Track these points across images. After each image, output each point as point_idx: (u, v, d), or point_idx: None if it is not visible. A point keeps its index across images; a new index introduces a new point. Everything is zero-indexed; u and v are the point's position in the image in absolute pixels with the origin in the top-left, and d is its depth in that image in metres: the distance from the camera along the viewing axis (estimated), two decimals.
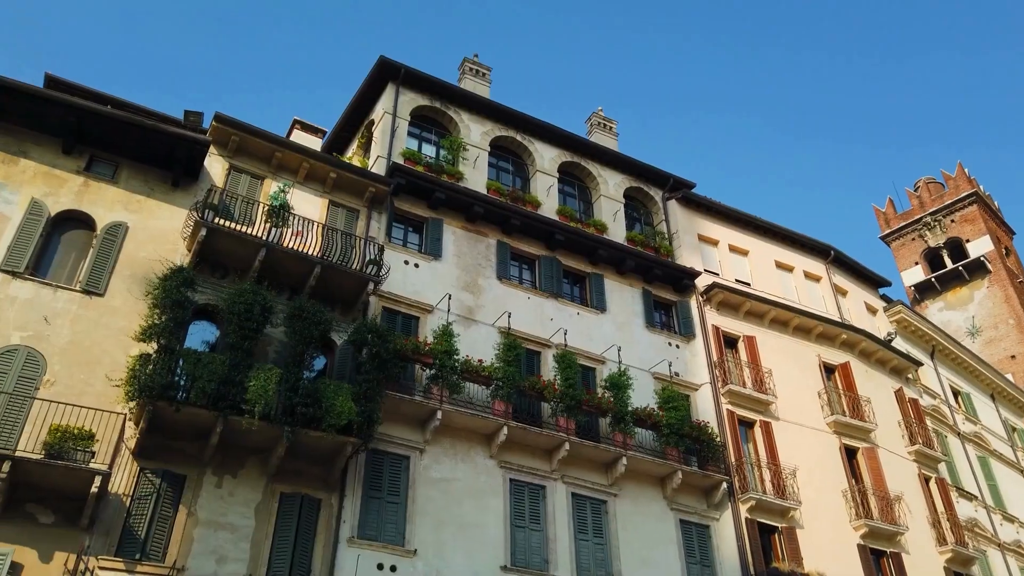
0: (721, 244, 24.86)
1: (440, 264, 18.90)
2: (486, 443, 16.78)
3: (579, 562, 16.42)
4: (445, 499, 15.72)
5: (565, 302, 20.34)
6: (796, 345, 23.59)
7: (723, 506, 18.93)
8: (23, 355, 13.35)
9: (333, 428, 14.02)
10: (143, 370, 13.02)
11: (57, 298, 14.20)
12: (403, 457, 15.79)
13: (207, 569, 12.98)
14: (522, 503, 16.59)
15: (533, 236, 20.88)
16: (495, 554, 15.60)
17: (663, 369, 20.44)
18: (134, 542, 12.75)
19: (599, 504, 17.51)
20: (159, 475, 13.42)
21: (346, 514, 14.54)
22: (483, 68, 24.79)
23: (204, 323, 15.40)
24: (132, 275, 14.97)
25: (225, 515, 13.58)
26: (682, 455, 18.59)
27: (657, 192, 24.87)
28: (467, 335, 17.81)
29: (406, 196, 19.38)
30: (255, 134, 17.62)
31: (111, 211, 15.57)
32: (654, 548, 17.46)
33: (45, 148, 15.64)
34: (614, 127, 26.83)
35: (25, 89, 15.25)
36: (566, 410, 17.38)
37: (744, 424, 21.02)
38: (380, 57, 21.24)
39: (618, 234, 22.71)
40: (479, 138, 22.15)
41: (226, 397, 13.38)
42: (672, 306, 22.46)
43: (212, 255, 15.66)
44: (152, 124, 16.14)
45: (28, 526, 12.09)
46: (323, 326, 14.91)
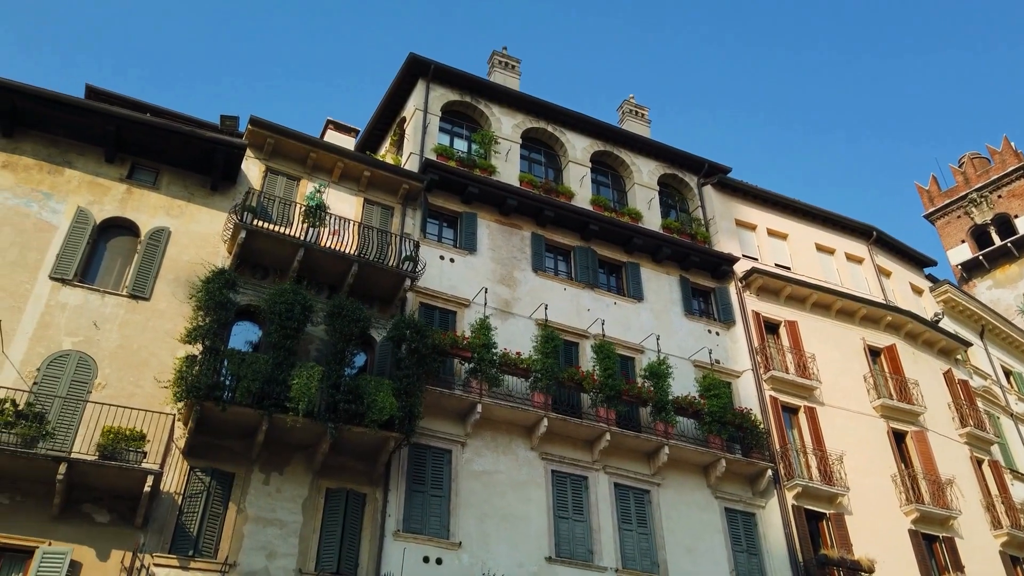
0: (759, 228, 24.50)
1: (475, 258, 18.97)
2: (527, 435, 16.82)
3: (624, 552, 16.39)
4: (488, 492, 15.81)
5: (601, 292, 20.25)
6: (839, 329, 23.18)
7: (769, 493, 18.72)
8: (75, 360, 13.75)
9: (375, 424, 14.18)
10: (189, 371, 13.32)
11: (105, 303, 14.58)
12: (445, 451, 15.91)
13: (258, 564, 13.26)
14: (564, 494, 16.61)
15: (567, 227, 20.82)
16: (539, 545, 15.65)
17: (703, 357, 20.26)
18: (187, 539, 13.07)
19: (642, 494, 17.45)
20: (208, 473, 13.73)
21: (391, 508, 14.72)
22: (512, 60, 24.75)
23: (247, 324, 15.69)
24: (176, 279, 15.31)
25: (273, 511, 13.84)
26: (725, 443, 18.41)
27: (692, 178, 24.61)
28: (504, 328, 17.86)
29: (439, 192, 19.47)
30: (290, 136, 17.86)
31: (154, 217, 15.93)
32: (699, 537, 17.35)
33: (88, 157, 16.06)
34: (646, 114, 26.59)
35: (67, 100, 15.66)
36: (606, 400, 17.34)
37: (788, 410, 20.73)
38: (410, 54, 21.36)
39: (653, 222, 22.53)
40: (510, 131, 22.14)
41: (270, 396, 13.62)
42: (711, 293, 22.22)
43: (252, 256, 15.93)
44: (190, 130, 16.46)
45: (85, 525, 12.47)
46: (362, 323, 15.07)
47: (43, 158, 15.65)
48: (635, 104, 26.67)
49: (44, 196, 15.24)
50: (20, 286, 14.08)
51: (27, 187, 15.19)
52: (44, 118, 15.69)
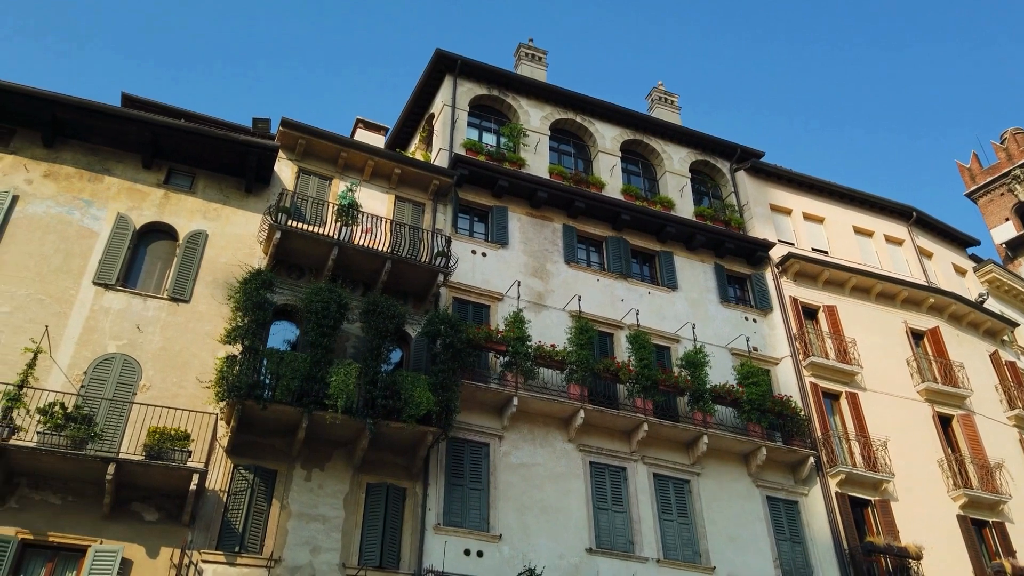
0: (795, 213, 24.12)
1: (507, 251, 18.98)
2: (564, 427, 16.82)
3: (665, 542, 16.32)
4: (526, 484, 15.85)
5: (635, 282, 20.13)
6: (880, 312, 22.75)
7: (811, 481, 18.47)
8: (120, 362, 14.08)
9: (413, 418, 14.30)
10: (230, 371, 13.56)
11: (147, 307, 14.91)
12: (483, 444, 15.99)
13: (302, 559, 13.48)
14: (603, 485, 16.58)
15: (599, 218, 20.73)
16: (579, 537, 15.65)
17: (740, 344, 20.04)
18: (233, 535, 13.33)
19: (682, 484, 17.34)
20: (252, 471, 13.97)
21: (431, 502, 14.84)
22: (539, 52, 24.67)
23: (284, 323, 15.92)
24: (214, 280, 15.58)
25: (316, 507, 14.04)
26: (765, 431, 18.20)
27: (724, 164, 24.32)
28: (538, 321, 17.86)
29: (470, 186, 19.52)
30: (321, 136, 18.04)
31: (191, 220, 16.23)
32: (741, 526, 17.19)
33: (127, 164, 16.41)
34: (676, 101, 26.32)
35: (105, 109, 16.01)
36: (642, 391, 17.25)
37: (829, 396, 20.42)
38: (436, 50, 21.41)
39: (686, 210, 22.32)
40: (539, 123, 22.09)
41: (309, 393, 13.81)
42: (746, 280, 21.96)
43: (287, 256, 16.14)
44: (223, 134, 16.72)
45: (135, 524, 12.78)
46: (397, 320, 15.20)
47: (83, 166, 16.03)
48: (664, 91, 26.41)
49: (85, 203, 15.62)
50: (65, 292, 14.45)
51: (69, 195, 15.58)
52: (83, 127, 16.07)
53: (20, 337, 13.56)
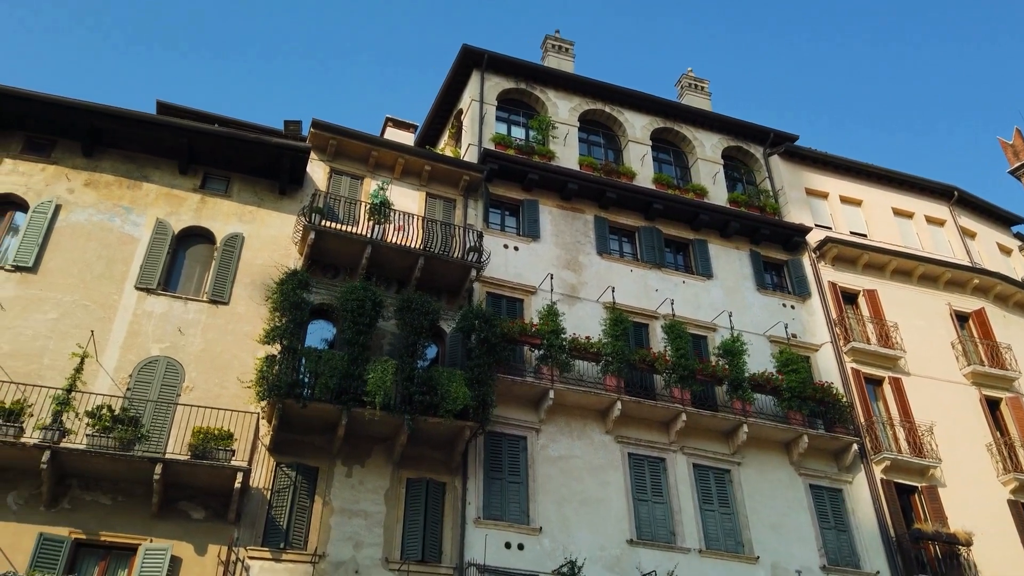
0: (831, 196, 23.70)
1: (539, 245, 18.96)
2: (601, 419, 16.78)
3: (706, 532, 16.20)
4: (565, 477, 15.84)
5: (669, 271, 19.98)
6: (923, 295, 22.26)
7: (855, 468, 18.17)
8: (163, 365, 14.39)
9: (450, 413, 14.39)
10: (270, 371, 13.78)
11: (188, 309, 15.21)
12: (520, 438, 16.02)
13: (345, 554, 13.66)
14: (643, 476, 16.51)
15: (630, 208, 20.59)
16: (620, 528, 15.61)
17: (779, 332, 19.77)
18: (277, 532, 13.56)
19: (723, 473, 17.19)
20: (294, 468, 14.19)
21: (470, 496, 14.92)
22: (565, 43, 24.56)
23: (321, 322, 16.11)
24: (252, 282, 15.83)
25: (357, 503, 14.22)
26: (806, 418, 17.95)
27: (757, 149, 23.98)
28: (572, 313, 17.82)
29: (500, 181, 19.52)
30: (351, 136, 18.20)
31: (227, 224, 16.50)
32: (785, 515, 16.99)
33: (164, 171, 16.73)
34: (706, 87, 26.01)
35: (142, 117, 16.37)
36: (679, 380, 17.12)
37: (871, 382, 20.06)
38: (463, 46, 21.43)
39: (719, 197, 22.07)
40: (567, 114, 22.00)
41: (348, 391, 13.97)
42: (783, 266, 21.65)
43: (322, 256, 16.33)
44: (256, 137, 16.95)
45: (182, 522, 13.07)
46: (431, 316, 15.29)
47: (122, 174, 16.39)
48: (694, 77, 26.10)
49: (125, 210, 15.97)
50: (109, 298, 14.81)
51: (109, 203, 15.94)
52: (120, 136, 16.43)
53: (67, 342, 13.94)
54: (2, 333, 13.81)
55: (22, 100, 15.76)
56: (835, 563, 16.74)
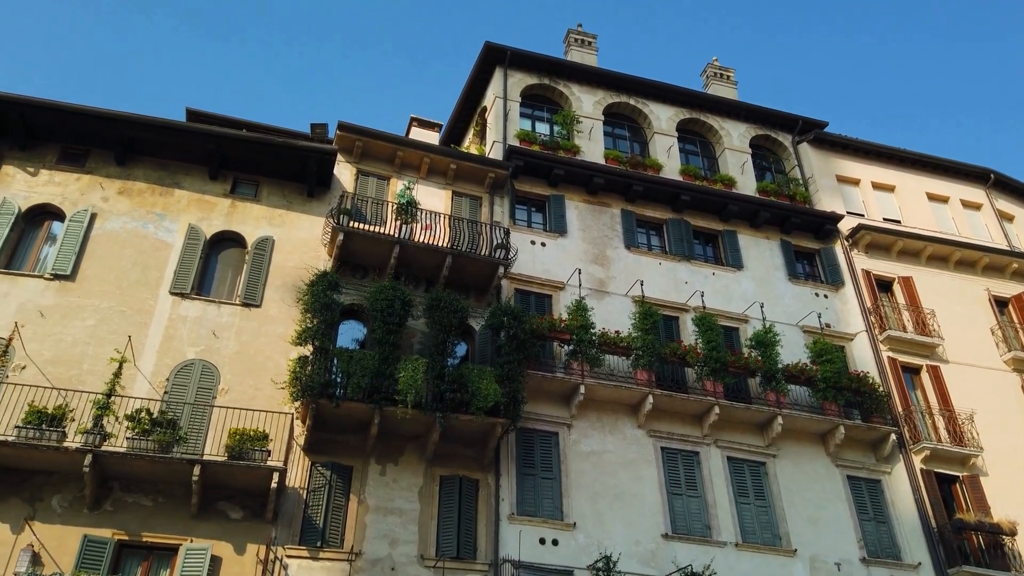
0: (863, 183, 23.31)
1: (566, 240, 18.92)
2: (632, 413, 16.71)
3: (743, 526, 16.06)
4: (598, 472, 15.81)
5: (698, 263, 19.81)
6: (960, 281, 21.80)
7: (894, 459, 17.88)
8: (199, 368, 14.64)
9: (481, 411, 14.44)
10: (303, 372, 13.94)
11: (221, 313, 15.44)
12: (551, 433, 16.02)
13: (382, 552, 13.78)
14: (676, 470, 16.41)
15: (658, 200, 20.45)
16: (654, 523, 15.54)
17: (812, 321, 19.51)
18: (314, 531, 13.73)
19: (758, 466, 17.02)
20: (328, 467, 14.34)
21: (504, 492, 14.96)
22: (588, 37, 24.46)
23: (352, 322, 16.26)
24: (283, 284, 16.03)
25: (392, 500, 14.33)
26: (842, 409, 17.70)
27: (786, 137, 23.68)
28: (601, 308, 17.76)
29: (525, 177, 19.51)
30: (377, 137, 18.32)
31: (257, 227, 16.72)
32: (822, 507, 16.78)
33: (194, 177, 17.00)
34: (732, 76, 25.73)
35: (172, 125, 16.68)
36: (711, 373, 16.98)
37: (909, 371, 19.70)
38: (485, 43, 21.46)
39: (748, 186, 21.83)
40: (591, 108, 21.92)
41: (379, 390, 14.08)
42: (815, 255, 21.35)
43: (351, 257, 16.47)
44: (283, 141, 17.15)
45: (222, 522, 13.30)
46: (460, 313, 15.34)
47: (154, 181, 16.69)
48: (719, 67, 25.83)
49: (158, 217, 16.26)
50: (144, 303, 15.10)
51: (142, 210, 16.25)
52: (152, 144, 16.73)
53: (106, 348, 14.24)
54: (43, 340, 14.16)
55: (56, 112, 16.12)
56: (875, 555, 16.49)
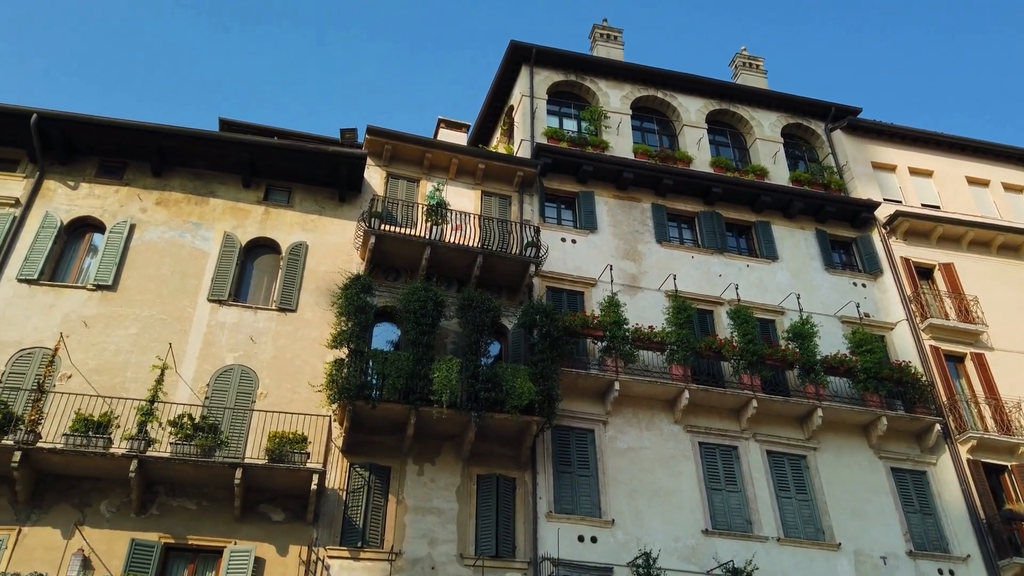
0: (900, 168, 22.84)
1: (597, 236, 18.85)
2: (668, 409, 16.59)
3: (784, 520, 15.85)
4: (635, 468, 15.73)
5: (732, 256, 19.59)
6: (1004, 266, 21.25)
7: (939, 449, 17.50)
8: (238, 373, 14.90)
9: (516, 409, 14.46)
10: (339, 374, 14.10)
11: (258, 318, 15.69)
12: (587, 431, 15.98)
13: (421, 552, 13.88)
14: (715, 465, 16.26)
15: (688, 193, 20.28)
16: (694, 518, 15.42)
17: (850, 311, 19.17)
18: (354, 531, 13.88)
19: (798, 459, 16.79)
20: (367, 468, 14.49)
21: (541, 490, 14.97)
22: (614, 31, 24.34)
23: (386, 324, 16.40)
24: (317, 288, 16.23)
25: (430, 500, 14.43)
26: (884, 400, 17.37)
27: (819, 125, 23.31)
28: (633, 303, 17.67)
29: (554, 174, 19.49)
30: (406, 140, 18.46)
31: (291, 233, 16.96)
32: (866, 500, 16.49)
33: (228, 185, 17.30)
34: (761, 64, 25.41)
35: (206, 135, 17.01)
36: (748, 366, 16.79)
37: (952, 359, 19.26)
38: (511, 42, 21.47)
39: (780, 176, 21.54)
40: (619, 103, 21.81)
41: (415, 390, 14.19)
42: (852, 243, 20.99)
43: (383, 260, 16.62)
44: (314, 147, 17.37)
45: (264, 524, 13.52)
46: (492, 313, 15.38)
47: (189, 191, 17.02)
48: (748, 56, 25.52)
49: (194, 226, 16.58)
50: (184, 311, 15.41)
51: (179, 219, 16.58)
52: (187, 154, 17.06)
53: (147, 355, 14.57)
54: (88, 349, 14.53)
55: (95, 127, 16.54)
56: (922, 548, 16.16)
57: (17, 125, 16.07)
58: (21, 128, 16.05)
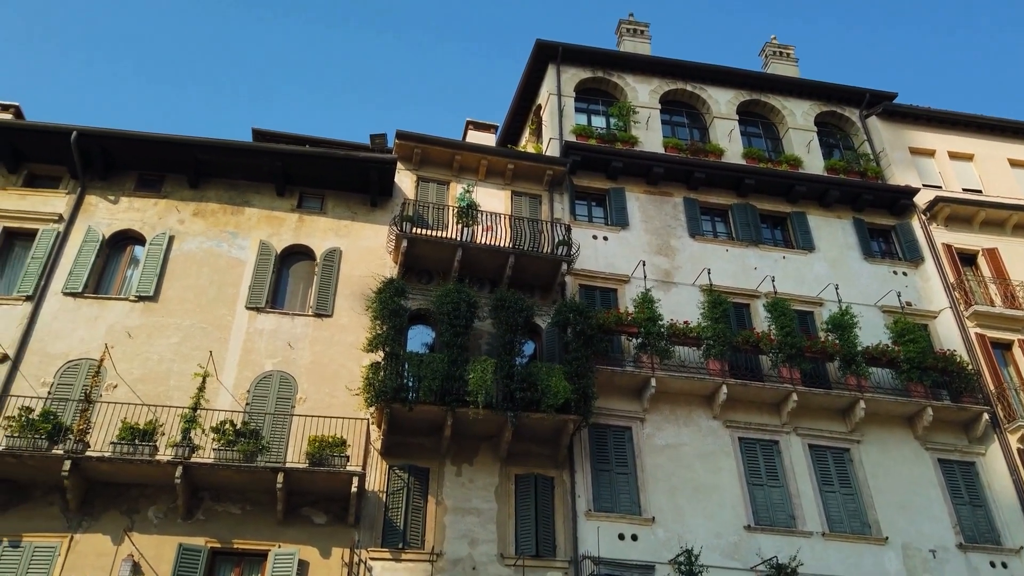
0: (939, 153, 22.31)
1: (628, 233, 18.75)
2: (706, 404, 16.43)
3: (828, 515, 15.59)
4: (674, 465, 15.61)
5: (767, 248, 19.34)
6: None
7: (988, 439, 17.06)
8: (277, 379, 15.14)
9: (552, 408, 14.45)
10: (375, 377, 14.25)
11: (295, 324, 15.92)
12: (624, 428, 15.90)
13: (462, 552, 13.95)
14: (756, 460, 16.06)
15: (721, 186, 20.06)
16: (735, 514, 15.25)
17: (891, 301, 18.79)
18: (395, 533, 14.00)
19: (841, 453, 16.51)
20: (406, 470, 14.61)
21: (579, 489, 14.93)
22: (640, 26, 24.17)
23: (420, 327, 16.52)
24: (352, 293, 16.41)
25: (469, 500, 14.49)
26: (929, 390, 16.99)
27: (853, 112, 22.89)
28: (667, 299, 17.54)
29: (583, 172, 19.43)
30: (435, 143, 18.56)
31: (325, 240, 17.17)
32: (913, 493, 16.15)
33: (263, 194, 17.58)
34: (792, 53, 25.01)
35: (240, 146, 17.34)
36: (787, 359, 16.56)
37: (999, 347, 18.74)
38: (536, 41, 21.47)
39: (815, 166, 21.20)
40: (647, 97, 21.66)
41: (451, 392, 14.26)
42: (891, 231, 20.57)
43: (415, 263, 16.74)
44: (345, 154, 17.57)
45: (307, 527, 13.71)
46: (526, 312, 15.40)
47: (225, 201, 17.33)
48: (778, 45, 25.15)
49: (231, 235, 16.88)
50: (223, 319, 15.70)
51: (216, 229, 16.89)
52: (222, 165, 17.37)
53: (189, 364, 14.87)
54: (132, 359, 14.89)
55: (134, 142, 16.95)
56: (972, 540, 15.77)
57: (58, 142, 16.53)
58: (62, 145, 16.50)
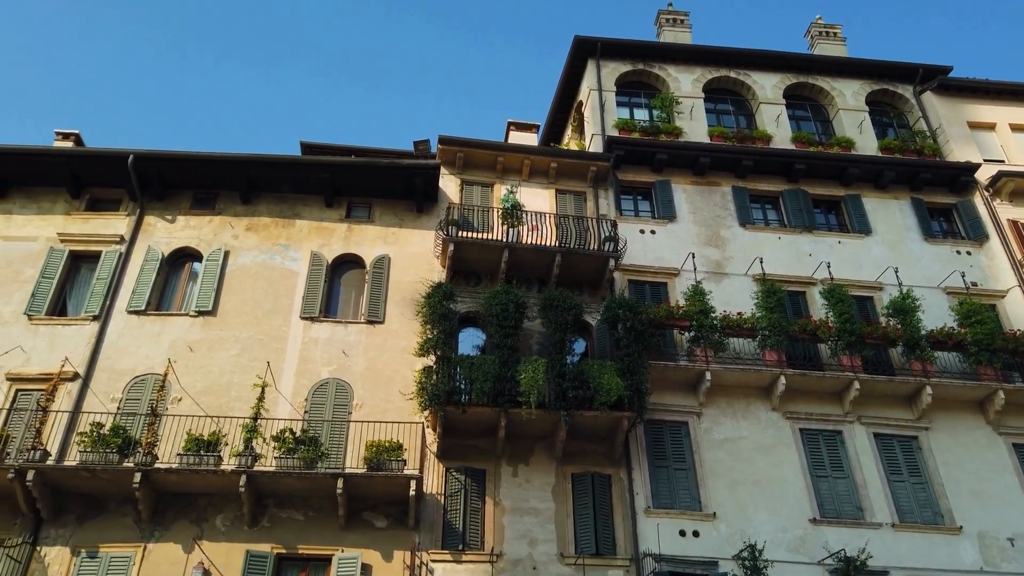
0: (999, 127, 21.44)
1: (676, 225, 18.51)
2: (765, 396, 16.10)
3: (898, 505, 15.12)
4: (733, 459, 15.35)
5: (821, 233, 18.85)
6: None
7: None
8: (334, 386, 15.42)
9: (605, 405, 14.36)
10: (428, 381, 14.39)
11: (348, 332, 16.20)
12: (681, 423, 15.70)
13: (522, 552, 13.97)
14: (819, 452, 15.67)
15: (770, 172, 19.65)
16: (800, 507, 14.90)
17: (955, 282, 18.11)
18: (454, 535, 14.12)
19: (908, 441, 15.99)
20: (462, 472, 14.71)
21: (637, 486, 14.80)
22: (680, 15, 23.87)
23: (470, 329, 16.62)
24: (402, 299, 16.61)
25: (527, 501, 14.51)
26: (1000, 372, 16.33)
27: (906, 88, 22.15)
28: (719, 290, 17.24)
29: (628, 166, 19.26)
30: (477, 146, 18.66)
31: (373, 247, 17.43)
32: (987, 479, 15.53)
33: (312, 206, 17.94)
34: (839, 32, 24.35)
35: (290, 160, 17.79)
36: (847, 347, 16.11)
37: None
38: (575, 38, 21.40)
39: (868, 146, 20.58)
40: (690, 87, 21.35)
41: (503, 393, 14.31)
42: (951, 210, 19.83)
43: (463, 266, 16.84)
44: (389, 162, 17.82)
45: (368, 531, 13.92)
46: (575, 310, 15.34)
47: (276, 215, 17.74)
48: (824, 24, 24.50)
49: (283, 248, 17.27)
50: (279, 330, 16.07)
51: (269, 243, 17.31)
52: (272, 180, 17.80)
53: (248, 375, 15.27)
54: (194, 372, 15.36)
55: (188, 162, 17.52)
56: None
57: (116, 167, 17.16)
58: (120, 169, 17.13)
